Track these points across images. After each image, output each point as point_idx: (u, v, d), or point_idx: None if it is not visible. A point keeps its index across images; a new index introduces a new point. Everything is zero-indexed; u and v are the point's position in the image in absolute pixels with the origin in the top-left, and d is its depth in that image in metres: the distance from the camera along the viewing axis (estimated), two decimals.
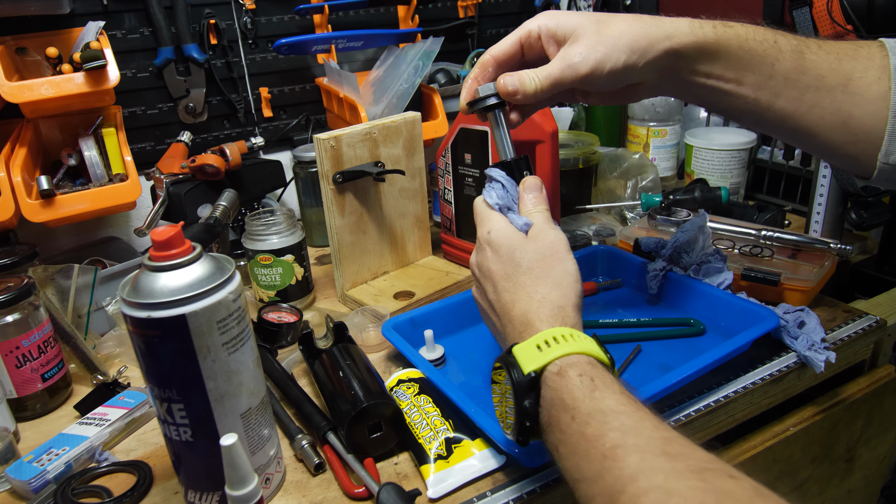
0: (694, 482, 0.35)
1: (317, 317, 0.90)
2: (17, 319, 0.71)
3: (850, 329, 0.78)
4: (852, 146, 0.56)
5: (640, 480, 0.37)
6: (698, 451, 0.38)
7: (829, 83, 0.55)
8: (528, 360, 0.48)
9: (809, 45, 0.56)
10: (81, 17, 1.02)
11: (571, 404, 0.44)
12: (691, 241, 0.84)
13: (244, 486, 0.48)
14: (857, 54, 0.55)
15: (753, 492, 0.34)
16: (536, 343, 0.49)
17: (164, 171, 0.96)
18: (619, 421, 0.41)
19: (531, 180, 0.60)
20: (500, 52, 0.60)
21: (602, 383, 0.44)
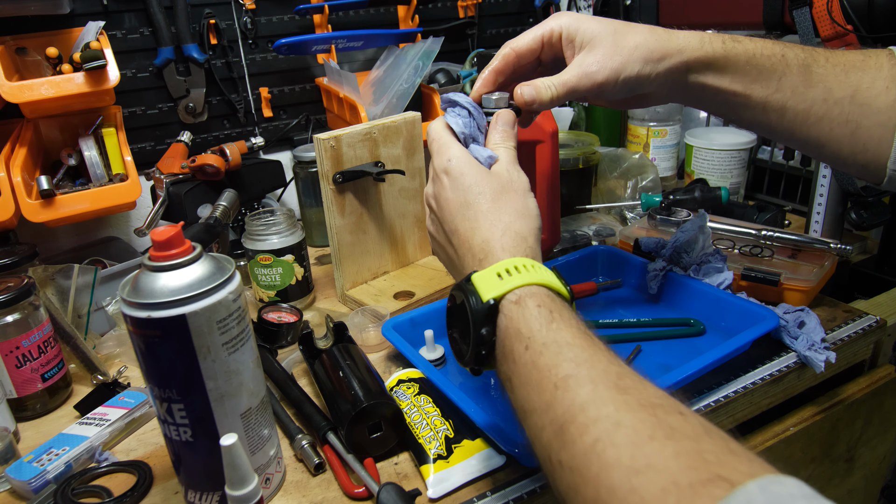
0: (643, 416, 0.35)
1: (317, 317, 0.90)
2: (17, 319, 0.71)
3: (850, 329, 0.78)
4: (861, 155, 0.57)
5: (590, 410, 0.37)
6: (650, 387, 0.38)
7: (836, 95, 0.56)
8: (487, 288, 0.47)
9: (817, 59, 0.57)
10: (81, 17, 1.02)
11: (527, 334, 0.43)
12: (691, 241, 0.84)
13: (244, 486, 0.48)
14: (865, 65, 0.56)
15: (701, 429, 0.34)
16: (497, 271, 0.47)
17: (164, 171, 0.96)
18: (573, 353, 0.41)
19: (505, 113, 0.59)
20: (521, 46, 0.60)
21: (560, 316, 0.44)
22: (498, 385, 0.71)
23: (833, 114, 0.56)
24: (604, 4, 1.20)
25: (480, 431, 0.61)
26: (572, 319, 0.44)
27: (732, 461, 0.32)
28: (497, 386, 0.72)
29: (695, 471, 0.31)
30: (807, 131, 0.58)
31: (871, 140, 0.56)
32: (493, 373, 0.73)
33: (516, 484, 0.58)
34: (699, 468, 0.31)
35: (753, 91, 0.58)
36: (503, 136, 0.58)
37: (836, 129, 0.57)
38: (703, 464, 0.32)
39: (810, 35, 0.83)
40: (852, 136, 0.57)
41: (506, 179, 0.54)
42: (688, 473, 0.31)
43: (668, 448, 0.33)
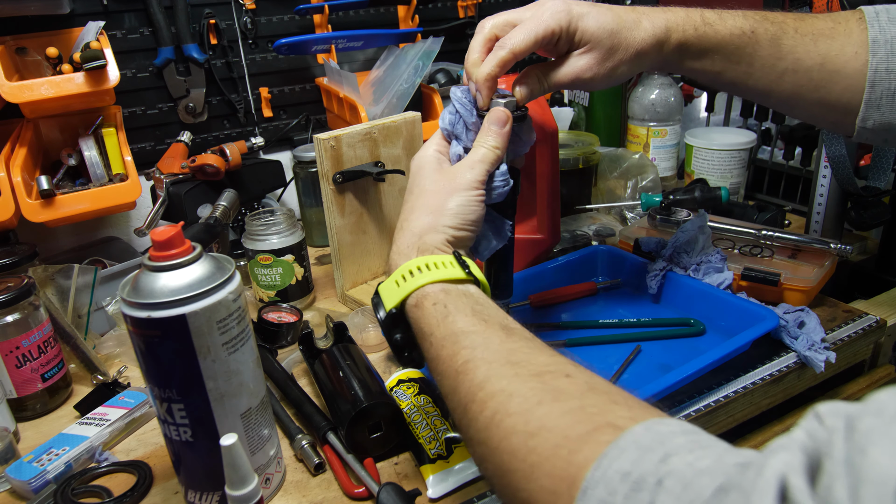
0: (533, 384, 0.39)
1: (317, 317, 0.90)
2: (17, 319, 0.71)
3: (850, 329, 0.78)
4: (831, 115, 0.61)
5: (487, 387, 0.40)
6: (541, 356, 0.42)
7: (805, 64, 0.59)
8: (388, 298, 0.51)
9: (786, 30, 0.59)
10: (81, 17, 1.02)
11: (428, 331, 0.47)
12: (691, 241, 0.84)
13: (244, 486, 0.48)
14: (834, 32, 0.59)
15: (586, 387, 0.38)
16: (395, 279, 0.51)
17: (164, 171, 0.96)
18: (468, 340, 0.44)
19: (494, 112, 0.58)
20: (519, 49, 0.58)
21: (455, 308, 0.47)
22: None
23: (802, 81, 0.59)
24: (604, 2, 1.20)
25: None
26: (466, 307, 0.47)
27: (616, 410, 0.35)
28: None
29: (582, 424, 0.34)
30: (777, 95, 0.62)
31: (839, 102, 0.59)
32: None
33: None
34: (585, 421, 0.35)
35: (727, 68, 0.61)
36: (486, 133, 0.58)
37: (806, 94, 0.60)
38: (589, 416, 0.35)
39: None
40: (821, 100, 0.60)
41: (444, 178, 0.56)
42: (575, 427, 0.34)
43: (556, 409, 0.36)
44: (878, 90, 0.57)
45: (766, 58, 0.59)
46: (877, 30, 0.57)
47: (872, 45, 0.57)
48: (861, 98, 0.58)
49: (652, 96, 1.26)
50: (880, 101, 0.57)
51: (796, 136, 1.14)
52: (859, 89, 0.58)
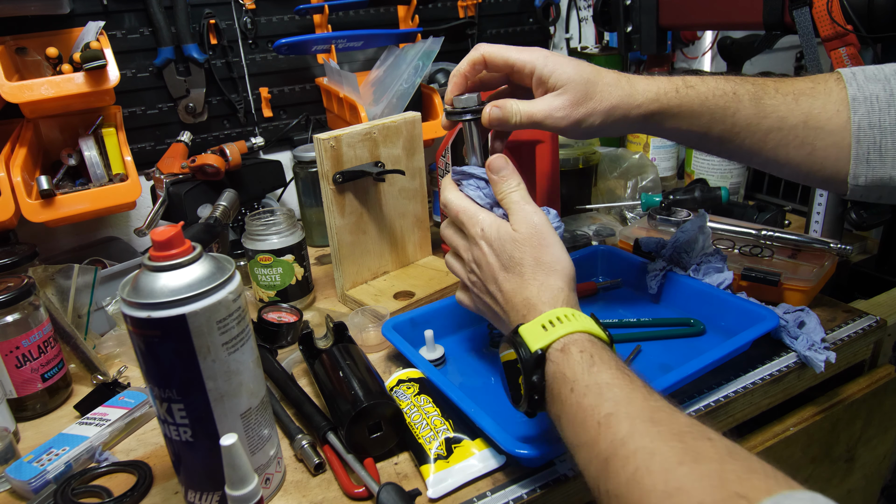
0: (674, 444, 0.40)
1: (317, 317, 0.90)
2: (17, 319, 0.71)
3: (850, 329, 0.78)
4: (820, 172, 0.61)
5: (629, 444, 0.41)
6: (682, 417, 0.43)
7: (789, 122, 0.60)
8: (534, 339, 0.51)
9: (767, 90, 0.61)
10: (81, 17, 1.02)
11: (571, 377, 0.48)
12: (691, 241, 0.84)
13: (244, 486, 0.48)
14: (814, 91, 0.60)
15: (725, 451, 0.38)
16: (541, 323, 0.52)
17: (164, 171, 0.96)
18: (612, 393, 0.45)
19: (495, 160, 0.61)
20: (491, 57, 0.63)
21: (600, 359, 0.48)
22: (498, 385, 0.72)
23: (788, 139, 0.60)
24: (604, 5, 1.20)
25: (480, 431, 0.61)
26: (611, 361, 0.49)
27: (752, 479, 0.35)
28: (497, 385, 0.72)
29: (718, 490, 0.35)
30: (765, 156, 0.62)
31: (827, 159, 0.60)
32: (493, 372, 0.74)
33: (516, 484, 0.58)
34: (722, 488, 0.35)
35: (710, 129, 0.62)
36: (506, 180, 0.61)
37: (793, 152, 0.61)
38: (725, 483, 0.36)
39: (810, 35, 0.83)
40: (809, 157, 0.61)
41: (532, 234, 0.58)
42: (712, 493, 0.35)
43: (696, 471, 0.37)
44: (864, 145, 0.58)
45: (750, 117, 0.61)
46: (855, 88, 0.59)
47: (853, 102, 0.58)
48: (848, 155, 0.59)
49: None
50: (868, 156, 0.58)
51: None
52: (845, 146, 0.59)
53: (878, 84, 0.59)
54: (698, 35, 1.50)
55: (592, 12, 1.35)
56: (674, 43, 1.47)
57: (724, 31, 1.38)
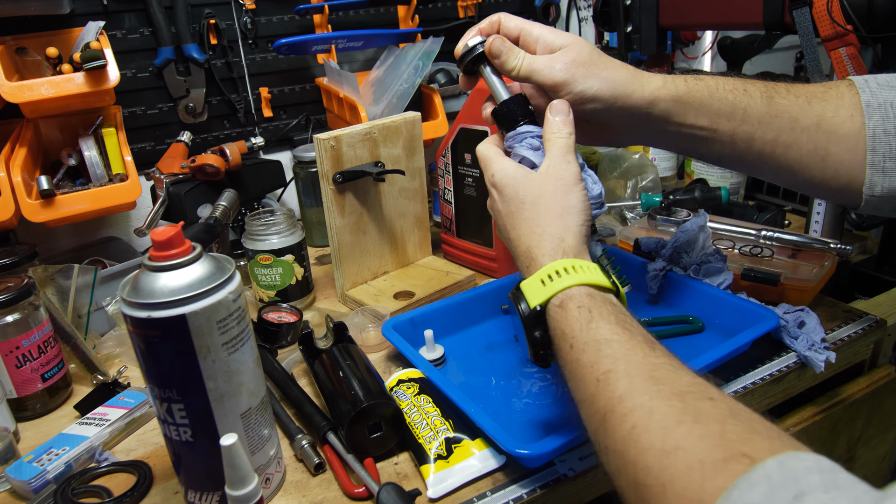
0: (674, 402, 0.39)
1: (317, 317, 0.90)
2: (17, 319, 0.71)
3: (850, 329, 0.78)
4: (834, 181, 0.58)
5: (627, 401, 0.41)
6: (684, 375, 0.42)
7: (802, 123, 0.57)
8: (532, 295, 0.51)
9: (778, 90, 0.59)
10: (81, 17, 1.02)
11: (570, 334, 0.47)
12: (691, 241, 0.84)
13: (244, 486, 0.48)
14: (826, 95, 0.58)
15: (728, 411, 0.38)
16: (540, 278, 0.51)
17: (164, 171, 0.96)
18: (611, 349, 0.45)
19: (558, 103, 0.58)
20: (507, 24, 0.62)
21: (599, 314, 0.47)
22: (498, 385, 0.72)
23: (801, 141, 0.58)
24: (604, 4, 1.20)
25: (480, 431, 0.61)
26: (611, 315, 0.47)
27: (755, 439, 0.35)
28: (497, 385, 0.72)
29: (718, 449, 0.35)
30: (777, 160, 0.59)
31: (841, 166, 0.57)
32: (494, 372, 0.74)
33: (516, 484, 0.58)
34: (723, 447, 0.35)
35: (720, 124, 0.59)
36: (559, 125, 0.58)
37: (806, 157, 0.58)
38: (727, 443, 0.35)
39: (810, 35, 0.83)
40: (822, 163, 0.58)
41: (549, 177, 0.56)
42: (712, 452, 0.35)
43: (695, 431, 0.36)
44: (879, 153, 0.56)
45: (762, 114, 0.58)
46: (868, 94, 0.57)
47: (867, 108, 0.56)
48: (862, 162, 0.56)
49: None
50: (884, 164, 0.56)
51: None
52: (860, 152, 0.56)
53: (892, 91, 0.57)
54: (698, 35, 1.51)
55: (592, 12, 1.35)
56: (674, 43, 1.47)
57: (724, 31, 1.38)
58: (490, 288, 0.86)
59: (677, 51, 1.51)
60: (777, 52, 1.48)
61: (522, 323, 0.52)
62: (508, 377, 0.73)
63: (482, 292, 0.85)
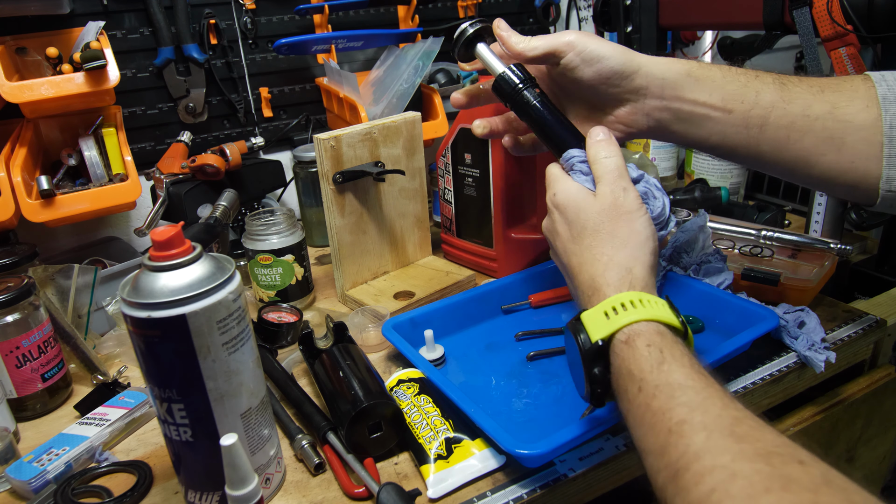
0: (760, 465, 0.35)
1: (317, 317, 0.90)
2: (17, 319, 0.71)
3: (850, 329, 0.78)
4: (850, 174, 0.56)
5: (705, 459, 0.37)
6: (769, 433, 0.38)
7: (816, 111, 0.56)
8: (595, 328, 0.48)
9: (790, 79, 0.58)
10: (81, 17, 1.02)
11: (639, 375, 0.44)
12: (691, 241, 0.84)
13: (244, 486, 0.48)
14: (840, 87, 0.57)
15: (821, 479, 0.33)
16: (604, 310, 0.48)
17: (164, 171, 0.96)
18: (686, 396, 0.41)
19: (596, 128, 0.58)
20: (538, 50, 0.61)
21: (671, 355, 0.44)
22: (498, 385, 0.72)
23: (816, 128, 0.56)
24: (604, 4, 1.20)
25: (480, 431, 0.61)
26: (684, 357, 0.44)
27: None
28: (497, 385, 0.72)
29: None
30: (792, 147, 0.57)
31: (858, 157, 0.55)
32: (494, 372, 0.73)
33: (516, 484, 0.58)
34: None
35: (733, 106, 0.57)
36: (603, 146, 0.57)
37: (822, 145, 0.56)
38: None
39: (810, 35, 0.83)
40: (838, 153, 0.56)
41: (609, 203, 0.54)
42: None
43: (784, 501, 0.33)
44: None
45: (776, 99, 0.56)
46: (885, 88, 0.55)
47: (883, 101, 0.54)
48: (878, 154, 0.54)
49: None
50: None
51: None
52: (876, 144, 0.54)
53: None
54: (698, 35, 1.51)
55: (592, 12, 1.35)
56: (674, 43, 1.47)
57: (724, 31, 1.38)
58: (490, 288, 0.86)
59: (677, 51, 1.51)
60: (777, 52, 1.48)
61: (581, 358, 0.48)
62: (508, 377, 0.73)
63: (482, 292, 0.85)
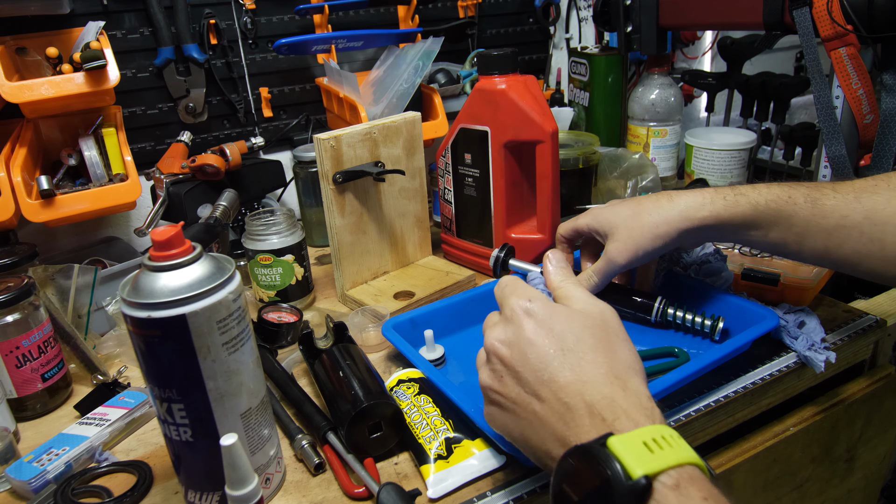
0: None
1: (317, 317, 0.90)
2: (17, 319, 0.71)
3: (850, 329, 0.78)
4: None
5: None
6: None
7: (852, 220, 0.57)
8: (636, 460, 0.36)
9: (824, 191, 0.59)
10: (81, 17, 1.02)
11: None
12: None
13: (244, 486, 0.48)
14: (876, 188, 0.58)
15: None
16: (644, 440, 0.38)
17: (164, 171, 0.96)
18: None
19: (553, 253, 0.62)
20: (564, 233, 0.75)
21: None
22: None
23: (854, 236, 0.58)
24: (604, 4, 1.20)
25: (480, 431, 0.61)
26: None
27: None
28: None
29: None
30: (834, 255, 0.60)
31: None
32: None
33: (516, 484, 0.58)
34: None
35: (767, 236, 0.62)
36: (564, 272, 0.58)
37: (863, 249, 0.58)
38: None
39: (810, 35, 0.83)
40: (882, 251, 0.57)
41: (598, 319, 0.48)
42: None
43: None
44: None
45: (808, 218, 0.59)
46: None
47: None
48: None
49: (652, 96, 1.26)
50: None
51: (796, 137, 1.14)
52: None
53: None
54: (698, 35, 1.51)
55: (592, 12, 1.35)
56: (674, 43, 1.47)
57: (724, 31, 1.38)
58: (490, 288, 0.86)
59: (677, 51, 1.51)
60: (777, 52, 1.48)
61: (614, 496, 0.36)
62: None
63: (482, 292, 0.85)
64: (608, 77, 1.31)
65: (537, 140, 0.88)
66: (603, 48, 1.36)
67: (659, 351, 0.74)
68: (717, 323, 0.73)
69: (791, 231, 0.60)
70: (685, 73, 1.35)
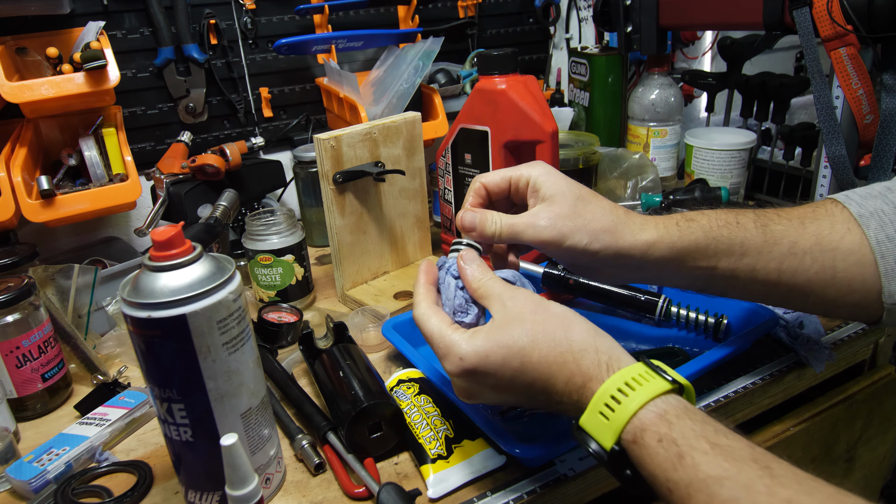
0: None
1: (317, 317, 0.90)
2: (17, 319, 0.71)
3: (850, 329, 0.78)
4: (850, 296, 0.56)
5: None
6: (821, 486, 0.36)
7: (802, 246, 0.56)
8: (601, 434, 0.42)
9: (770, 217, 0.57)
10: (81, 17, 1.02)
11: (663, 477, 0.39)
12: None
13: (244, 486, 0.48)
14: (816, 215, 0.57)
15: None
16: (598, 409, 0.43)
17: (165, 171, 0.96)
18: (726, 491, 0.37)
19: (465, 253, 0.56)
20: (489, 183, 0.59)
21: (686, 443, 0.39)
22: None
23: (806, 264, 0.56)
24: (604, 5, 1.20)
25: (480, 431, 0.61)
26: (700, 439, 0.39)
27: None
28: None
29: None
30: (785, 286, 0.57)
31: (854, 280, 0.55)
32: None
33: (516, 484, 0.58)
34: None
35: (720, 262, 0.57)
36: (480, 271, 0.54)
37: (815, 277, 0.56)
38: None
39: (810, 35, 0.83)
40: (833, 280, 0.56)
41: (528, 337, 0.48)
42: None
43: None
44: (889, 259, 0.54)
45: (760, 245, 0.56)
46: (856, 206, 0.56)
47: (860, 219, 0.55)
48: (874, 273, 0.54)
49: (652, 96, 1.26)
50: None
51: (796, 137, 1.14)
52: (868, 264, 0.54)
53: (877, 200, 0.56)
54: (698, 35, 1.51)
55: (592, 12, 1.35)
56: (674, 43, 1.47)
57: (724, 31, 1.38)
58: None
59: (677, 51, 1.51)
60: (777, 52, 1.48)
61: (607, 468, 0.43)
62: None
63: None
64: (608, 77, 1.31)
65: (537, 140, 0.88)
66: (603, 48, 1.36)
67: (659, 351, 0.75)
68: (721, 321, 0.73)
69: (743, 259, 0.56)
70: (685, 73, 1.35)
